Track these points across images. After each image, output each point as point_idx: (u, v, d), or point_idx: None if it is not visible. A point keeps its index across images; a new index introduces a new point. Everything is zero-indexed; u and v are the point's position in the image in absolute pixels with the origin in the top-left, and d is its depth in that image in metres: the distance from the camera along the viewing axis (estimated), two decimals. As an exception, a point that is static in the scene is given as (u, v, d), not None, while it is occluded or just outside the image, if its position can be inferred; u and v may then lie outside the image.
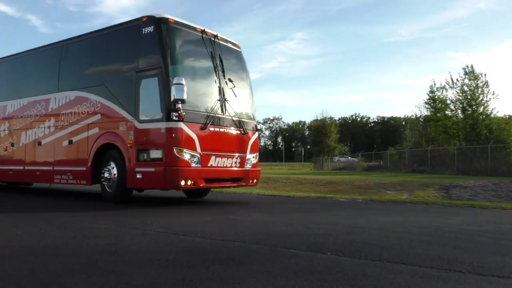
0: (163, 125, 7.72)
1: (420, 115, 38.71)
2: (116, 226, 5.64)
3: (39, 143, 10.32)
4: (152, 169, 7.74)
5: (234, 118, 8.78)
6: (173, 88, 7.47)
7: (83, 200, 9.88)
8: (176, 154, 7.58)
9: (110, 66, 9.27)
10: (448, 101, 31.79)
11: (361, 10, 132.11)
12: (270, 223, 6.13)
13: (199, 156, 7.89)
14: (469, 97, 30.12)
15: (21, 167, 10.77)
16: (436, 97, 32.75)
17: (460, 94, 30.62)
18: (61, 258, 3.68)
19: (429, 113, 34.53)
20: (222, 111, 8.52)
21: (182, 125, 7.67)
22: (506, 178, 16.90)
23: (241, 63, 9.75)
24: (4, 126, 11.61)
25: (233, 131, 8.73)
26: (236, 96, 8.97)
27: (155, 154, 7.77)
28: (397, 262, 3.51)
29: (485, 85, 30.02)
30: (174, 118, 7.56)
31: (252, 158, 9.17)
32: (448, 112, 31.95)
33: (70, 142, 9.53)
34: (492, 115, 30.21)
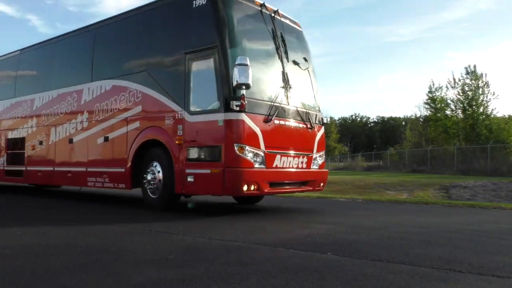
0: (220, 117, 6.42)
1: (420, 115, 38.82)
2: (117, 226, 5.63)
3: (71, 141, 9.18)
4: (207, 171, 6.47)
5: (300, 109, 7.45)
6: (235, 70, 6.20)
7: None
8: (237, 152, 6.29)
9: (153, 49, 7.93)
10: (449, 101, 31.88)
11: (361, 10, 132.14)
12: (270, 223, 6.12)
13: (263, 154, 6.60)
14: (470, 97, 30.18)
15: (50, 168, 9.64)
16: (435, 97, 32.82)
17: (461, 94, 30.69)
18: (62, 258, 3.68)
19: (428, 113, 34.62)
20: (287, 100, 7.18)
21: (244, 117, 6.37)
22: (506, 178, 16.90)
23: (304, 44, 8.35)
24: (32, 122, 10.37)
25: (299, 124, 7.38)
26: (301, 83, 7.66)
27: (211, 152, 6.53)
28: (397, 262, 3.51)
29: (485, 86, 30.10)
30: (235, 108, 6.29)
31: (318, 157, 7.83)
32: (448, 112, 32.03)
33: (106, 139, 8.34)
34: (492, 115, 30.27)
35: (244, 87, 6.24)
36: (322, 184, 7.99)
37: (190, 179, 6.67)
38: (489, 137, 27.94)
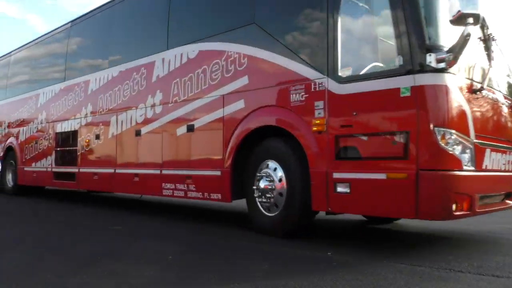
0: (407, 82, 3.70)
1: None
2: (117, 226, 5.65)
3: (138, 133, 6.72)
4: (380, 176, 3.81)
5: (503, 79, 4.74)
6: None
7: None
8: (439, 143, 3.57)
9: None
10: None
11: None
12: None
13: (472, 147, 3.81)
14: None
15: (110, 170, 7.25)
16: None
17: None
18: (62, 258, 3.69)
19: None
20: (489, 60, 4.17)
21: (449, 82, 3.66)
22: (506, 178, 16.87)
23: None
24: (86, 110, 7.98)
25: (505, 101, 4.63)
26: (499, 34, 4.44)
27: (388, 143, 3.83)
28: (397, 262, 3.52)
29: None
30: (436, 65, 3.59)
31: None
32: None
33: (190, 128, 5.81)
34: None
35: (471, 20, 3.55)
36: None
37: (342, 188, 4.10)
38: (489, 137, 27.95)
